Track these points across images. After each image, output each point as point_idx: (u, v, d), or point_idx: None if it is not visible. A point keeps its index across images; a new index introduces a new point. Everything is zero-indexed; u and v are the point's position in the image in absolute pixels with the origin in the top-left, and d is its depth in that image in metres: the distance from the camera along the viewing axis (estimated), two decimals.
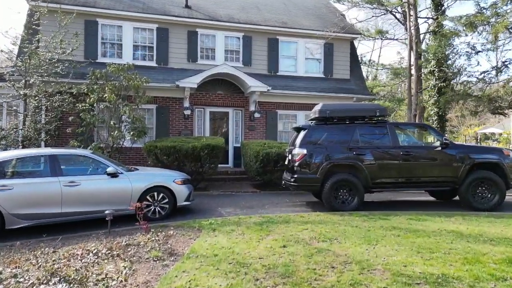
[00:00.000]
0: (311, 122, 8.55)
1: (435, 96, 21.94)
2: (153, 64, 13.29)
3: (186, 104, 13.02)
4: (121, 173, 6.90)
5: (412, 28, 15.79)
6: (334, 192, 7.54)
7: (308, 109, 14.42)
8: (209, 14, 14.05)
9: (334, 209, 7.47)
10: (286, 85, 14.24)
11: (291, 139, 9.00)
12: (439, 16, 20.87)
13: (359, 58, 20.31)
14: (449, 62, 22.31)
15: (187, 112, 12.81)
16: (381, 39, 23.07)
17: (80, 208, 6.47)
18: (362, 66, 21.14)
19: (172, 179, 7.35)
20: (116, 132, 10.18)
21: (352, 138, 7.77)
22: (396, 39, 22.18)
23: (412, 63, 15.98)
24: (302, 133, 7.87)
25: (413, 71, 15.95)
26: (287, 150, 8.72)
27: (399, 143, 7.87)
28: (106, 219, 5.93)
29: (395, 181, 7.74)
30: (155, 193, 7.13)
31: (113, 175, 6.76)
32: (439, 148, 7.76)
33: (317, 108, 8.13)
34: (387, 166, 7.71)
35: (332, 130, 7.92)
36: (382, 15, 21.67)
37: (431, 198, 9.47)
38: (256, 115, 13.53)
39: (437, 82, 21.76)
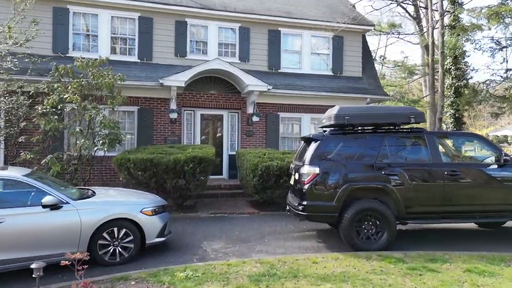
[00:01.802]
0: (324, 131, 6.66)
1: (451, 97, 20.08)
2: (135, 59, 11.39)
3: (173, 105, 11.13)
4: (66, 202, 5.01)
5: (436, 17, 13.88)
6: (357, 224, 5.66)
7: (315, 111, 12.57)
8: (200, 2, 12.15)
9: (357, 248, 5.58)
10: (289, 84, 12.35)
11: (298, 151, 7.10)
12: (456, 9, 18.98)
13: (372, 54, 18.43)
14: (465, 59, 20.46)
15: (173, 115, 10.92)
16: (393, 33, 21.23)
17: (2, 255, 4.58)
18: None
19: (140, 209, 5.46)
20: (82, 140, 8.31)
21: (379, 152, 5.88)
22: (411, 34, 20.24)
23: (430, 59, 14.04)
24: (313, 146, 5.97)
25: (439, 69, 13.99)
26: (292, 166, 6.82)
27: (441, 159, 5.98)
28: (33, 275, 4.06)
29: (437, 210, 5.84)
30: (115, 229, 5.24)
31: (53, 206, 4.88)
32: (496, 166, 5.88)
33: (332, 112, 6.23)
34: (427, 190, 5.82)
35: (352, 141, 6.03)
36: (389, 4, 19.74)
37: (471, 225, 7.58)
38: (255, 118, 11.64)
39: (454, 81, 19.90)
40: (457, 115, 19.96)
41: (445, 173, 5.81)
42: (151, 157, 7.59)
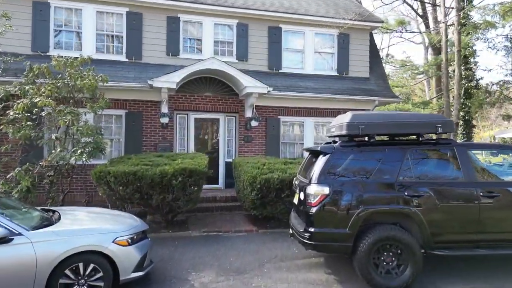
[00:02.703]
0: (334, 141, 5.70)
1: (461, 98, 19.10)
2: (122, 58, 10.43)
3: (164, 109, 10.16)
4: (18, 234, 4.05)
5: (452, 13, 12.92)
6: (374, 256, 4.70)
7: (318, 114, 11.63)
8: None
9: (375, 285, 4.62)
10: (291, 85, 11.40)
11: (302, 164, 6.14)
12: (468, 5, 18.02)
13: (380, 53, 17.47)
14: (475, 59, 19.50)
15: (164, 119, 9.95)
16: (401, 31, 20.24)
17: None
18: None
19: (112, 238, 4.50)
20: (59, 149, 7.35)
21: (400, 168, 4.92)
22: (422, 32, 19.24)
23: (444, 58, 13.05)
24: (322, 160, 5.01)
25: (455, 68, 12.96)
26: (296, 182, 5.85)
27: (475, 176, 5.01)
28: None
29: (471, 239, 4.87)
30: (81, 264, 4.28)
31: (1, 240, 3.92)
32: None
33: (343, 120, 5.26)
34: (458, 214, 4.86)
35: (368, 155, 5.06)
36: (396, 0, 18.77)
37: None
38: (253, 123, 10.68)
39: (463, 81, 18.91)
40: (466, 117, 18.99)
41: (481, 193, 4.85)
42: (134, 170, 6.62)
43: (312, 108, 11.71)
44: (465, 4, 18.63)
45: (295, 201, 5.69)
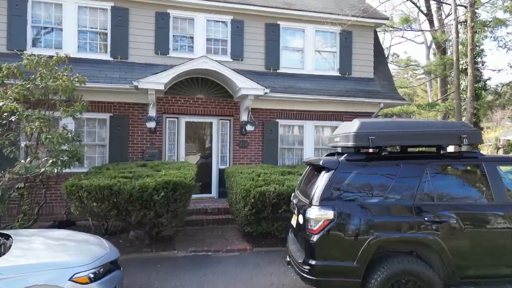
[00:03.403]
0: (339, 153, 4.89)
1: (468, 99, 18.29)
2: (107, 57, 9.62)
3: (151, 112, 9.35)
4: None
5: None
6: None
7: (319, 118, 10.82)
8: None
9: None
10: (289, 86, 10.59)
11: (302, 178, 5.34)
12: (473, 3, 17.19)
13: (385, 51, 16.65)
14: (482, 58, 18.68)
15: (151, 124, 9.13)
16: (406, 29, 19.44)
17: None
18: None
19: (70, 274, 3.69)
20: (28, 158, 6.55)
21: (418, 187, 4.12)
22: (426, 31, 18.44)
23: (455, 57, 12.23)
24: (325, 177, 4.20)
25: (468, 69, 12.12)
26: (294, 201, 5.03)
27: (507, 197, 4.20)
28: None
29: (505, 273, 4.06)
30: None
31: None
32: None
33: (350, 129, 4.45)
34: (489, 243, 4.05)
35: (379, 171, 4.25)
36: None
37: None
38: (249, 127, 9.86)
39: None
40: (474, 120, 18.16)
41: None
42: (110, 184, 5.81)
43: (313, 111, 10.91)
44: (473, 1, 17.82)
45: (293, 222, 4.88)
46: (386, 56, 14.01)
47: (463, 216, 4.04)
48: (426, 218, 3.99)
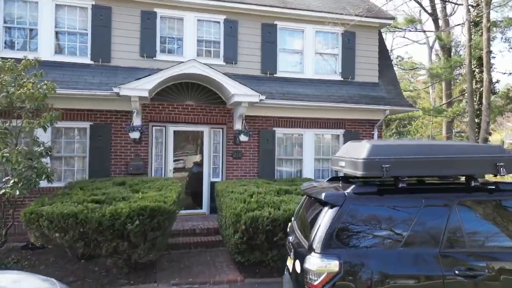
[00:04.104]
0: (344, 178, 4.05)
1: (475, 104, 17.44)
2: (87, 60, 8.78)
3: (136, 121, 8.51)
4: None
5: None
6: None
7: (320, 126, 9.98)
8: None
9: None
10: (287, 92, 9.75)
11: (300, 206, 4.50)
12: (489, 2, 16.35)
13: (390, 54, 15.79)
14: (491, 61, 17.80)
15: (134, 134, 8.28)
16: (410, 30, 18.57)
17: None
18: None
19: None
20: None
21: (445, 230, 3.29)
22: (431, 31, 17.56)
23: (468, 59, 11.37)
24: (328, 215, 3.37)
25: (484, 74, 11.22)
26: (290, 239, 4.18)
27: None
28: None
29: None
30: None
31: None
32: None
33: (358, 152, 3.60)
34: None
35: (395, 208, 3.41)
36: None
37: None
38: (243, 137, 9.02)
39: (478, 85, 17.25)
40: (477, 120, 17.30)
41: None
42: (75, 211, 4.96)
43: (313, 118, 10.07)
44: (480, 1, 16.99)
45: (289, 265, 4.04)
46: (391, 59, 13.15)
47: (504, 268, 3.20)
48: (456, 271, 3.15)
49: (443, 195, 3.46)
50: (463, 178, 3.85)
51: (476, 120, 17.59)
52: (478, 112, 16.94)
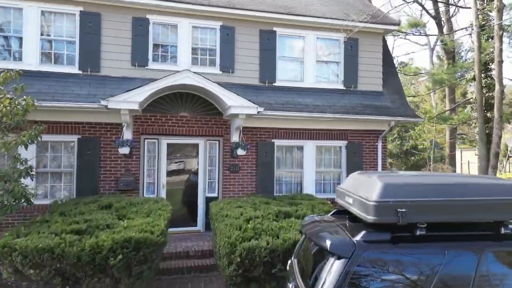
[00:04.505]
0: (348, 215, 3.55)
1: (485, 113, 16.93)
2: (74, 70, 8.29)
3: (127, 134, 8.02)
4: None
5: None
6: None
7: (321, 137, 9.50)
8: None
9: None
10: (287, 102, 9.26)
11: (299, 245, 4.00)
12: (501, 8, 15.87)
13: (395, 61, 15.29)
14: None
15: (124, 150, 7.78)
16: (414, 34, 18.07)
17: None
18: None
19: None
20: None
21: (472, 286, 2.79)
22: (434, 35, 17.05)
23: (477, 68, 10.88)
24: (335, 269, 2.88)
25: (495, 84, 10.66)
26: (290, 286, 3.69)
27: None
28: None
29: None
30: None
31: None
32: None
33: (368, 190, 3.11)
34: None
35: (413, 260, 2.92)
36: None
37: None
38: (240, 151, 8.52)
39: (483, 91, 16.72)
40: (487, 131, 16.81)
41: None
42: (51, 245, 4.46)
43: (314, 130, 9.58)
44: (485, 4, 16.51)
45: None
46: (396, 66, 12.66)
47: None
48: None
49: (468, 244, 2.96)
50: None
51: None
52: (484, 118, 16.43)
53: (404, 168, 24.83)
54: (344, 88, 9.97)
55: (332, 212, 4.13)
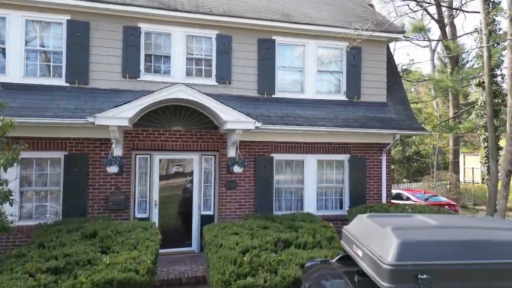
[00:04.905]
0: (362, 283, 3.07)
1: (485, 116, 16.51)
2: (61, 82, 7.82)
3: (117, 151, 7.54)
4: None
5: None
6: None
7: (323, 151, 9.06)
8: (162, 0, 8.59)
9: None
10: (287, 114, 8.79)
11: None
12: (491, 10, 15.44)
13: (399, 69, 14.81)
14: (502, 71, 16.90)
15: (113, 169, 7.28)
16: (418, 39, 17.61)
17: None
18: None
19: None
20: None
21: None
22: (437, 40, 16.59)
23: (487, 81, 10.40)
24: None
25: (508, 98, 10.20)
26: None
27: None
28: None
29: None
30: None
31: None
32: None
33: (383, 249, 2.63)
34: None
35: None
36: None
37: None
38: (236, 169, 8.04)
39: (489, 98, 16.26)
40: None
41: None
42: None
43: (315, 143, 9.12)
44: (490, 9, 16.08)
45: None
46: (400, 75, 12.18)
47: None
48: None
49: None
50: None
51: (487, 134, 16.63)
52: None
53: (406, 174, 24.40)
54: (347, 99, 9.50)
55: (337, 258, 3.65)
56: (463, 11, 15.53)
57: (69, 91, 7.76)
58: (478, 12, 16.40)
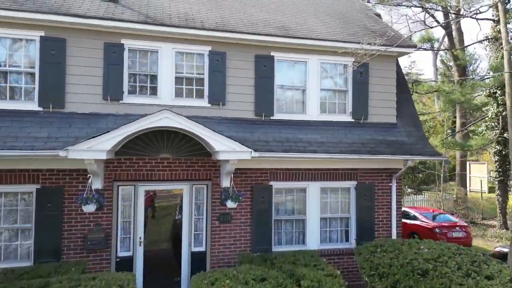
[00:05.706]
0: None
1: (497, 128, 15.70)
2: (34, 106, 6.97)
3: (96, 184, 6.69)
4: None
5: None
6: None
7: (327, 178, 8.21)
8: (147, 14, 7.74)
9: None
10: (287, 139, 7.93)
11: None
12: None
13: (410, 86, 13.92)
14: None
15: (89, 208, 6.39)
16: (425, 49, 16.75)
17: None
18: None
19: None
20: None
21: None
22: (447, 49, 15.79)
23: (508, 101, 9.55)
24: None
25: None
26: None
27: None
28: None
29: None
30: None
31: None
32: None
33: None
34: None
35: None
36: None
37: None
38: (230, 204, 7.16)
39: (500, 109, 15.47)
40: (504, 152, 15.51)
41: None
42: None
43: (318, 169, 8.26)
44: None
45: None
46: (411, 92, 11.32)
47: None
48: None
49: None
50: None
51: (498, 147, 15.85)
52: (500, 138, 15.16)
53: (411, 184, 23.52)
54: (353, 120, 8.64)
55: None
56: (477, 19, 14.70)
57: (42, 116, 6.91)
58: (492, 20, 15.61)
